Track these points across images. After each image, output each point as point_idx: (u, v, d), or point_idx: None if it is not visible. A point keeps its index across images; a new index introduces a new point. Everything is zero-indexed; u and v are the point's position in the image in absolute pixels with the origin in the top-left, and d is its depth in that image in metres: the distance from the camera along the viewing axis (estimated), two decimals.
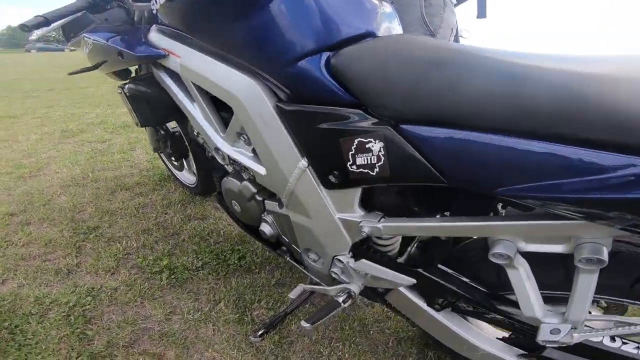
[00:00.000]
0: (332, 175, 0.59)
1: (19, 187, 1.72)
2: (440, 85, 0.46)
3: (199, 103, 0.83)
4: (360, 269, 0.68)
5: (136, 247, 1.29)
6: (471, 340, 0.66)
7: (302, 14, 0.58)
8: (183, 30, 0.77)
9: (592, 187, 0.35)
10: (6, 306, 1.01)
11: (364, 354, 0.93)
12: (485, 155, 0.42)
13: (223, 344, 0.93)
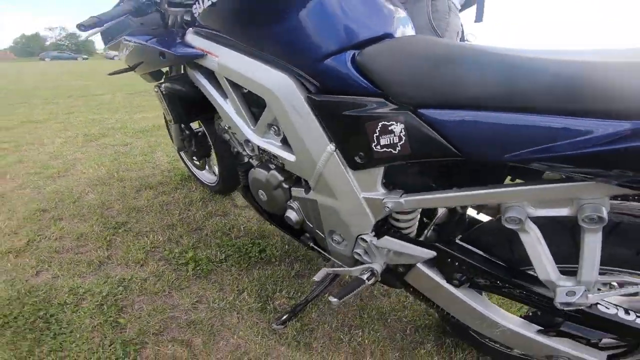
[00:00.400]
0: (357, 156, 0.66)
1: (49, 186, 1.81)
2: (451, 75, 0.54)
3: (231, 99, 0.90)
4: (383, 245, 0.74)
5: (162, 241, 1.36)
6: (491, 316, 0.70)
7: (332, 17, 0.66)
8: (222, 32, 0.84)
9: (581, 146, 0.42)
10: (41, 296, 1.08)
11: (383, 341, 0.98)
12: (492, 129, 0.49)
13: (247, 331, 0.99)
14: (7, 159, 2.20)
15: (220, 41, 0.86)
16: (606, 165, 0.42)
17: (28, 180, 1.88)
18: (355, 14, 0.67)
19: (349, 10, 0.67)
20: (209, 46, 0.89)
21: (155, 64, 1.13)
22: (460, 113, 0.52)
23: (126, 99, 5.08)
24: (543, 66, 0.47)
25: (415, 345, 0.97)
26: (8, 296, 1.05)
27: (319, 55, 0.66)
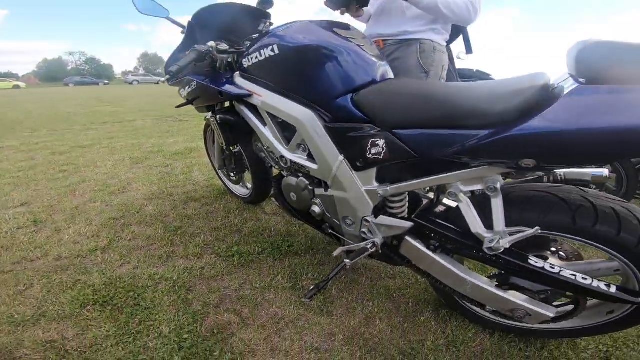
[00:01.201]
0: (358, 162, 1.04)
1: (114, 200, 2.22)
2: (410, 107, 0.92)
3: (270, 126, 1.30)
4: (380, 222, 1.09)
5: (212, 240, 1.74)
6: (461, 274, 1.00)
7: (338, 71, 1.05)
8: (264, 79, 1.23)
9: (470, 145, 0.79)
10: (128, 282, 1.44)
11: (389, 311, 1.30)
12: (431, 139, 0.86)
13: (282, 304, 1.33)
14: (71, 179, 2.64)
15: (262, 84, 1.25)
16: (486, 157, 0.79)
17: (95, 195, 2.29)
18: (353, 68, 1.06)
19: (349, 66, 1.06)
20: (255, 88, 1.28)
21: (213, 100, 1.53)
22: (416, 131, 0.90)
23: (155, 124, 5.60)
24: (452, 95, 0.85)
25: (416, 314, 1.28)
26: (103, 282, 1.43)
27: (331, 97, 1.05)
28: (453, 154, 0.83)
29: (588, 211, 0.83)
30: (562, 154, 0.72)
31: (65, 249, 1.64)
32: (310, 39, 1.10)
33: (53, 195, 2.31)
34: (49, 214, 2.02)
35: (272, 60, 1.16)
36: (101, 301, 1.30)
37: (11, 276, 1.44)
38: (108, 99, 12.39)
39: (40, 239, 1.75)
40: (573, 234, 0.85)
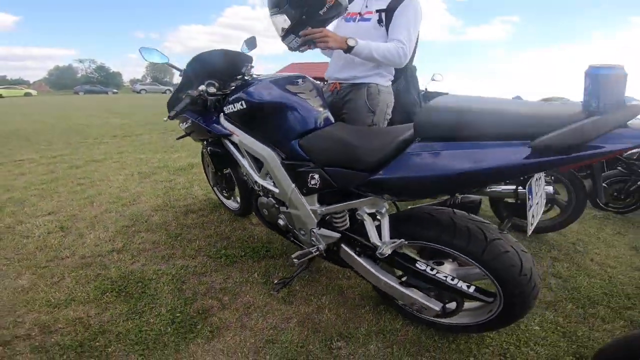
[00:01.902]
0: (304, 189, 1.46)
1: (126, 211, 2.68)
2: (328, 149, 1.35)
3: (246, 159, 1.74)
4: (321, 233, 1.51)
5: (205, 244, 2.18)
6: (377, 274, 1.40)
7: (289, 122, 1.48)
8: (239, 123, 1.69)
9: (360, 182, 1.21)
10: (137, 275, 1.87)
11: (338, 303, 1.71)
12: (346, 176, 1.27)
13: (255, 294, 1.75)
14: (89, 192, 3.10)
15: (239, 127, 1.70)
16: (369, 191, 1.21)
17: (110, 207, 2.75)
18: (299, 119, 1.49)
19: (296, 118, 1.49)
20: (234, 129, 1.72)
21: (205, 136, 2.00)
22: (336, 169, 1.31)
23: (161, 139, 6.11)
24: (353, 144, 1.28)
25: (359, 307, 1.69)
26: (118, 275, 1.86)
27: (285, 141, 1.49)
28: (356, 187, 1.26)
29: (450, 228, 1.24)
30: (402, 192, 1.17)
31: (88, 250, 2.10)
32: (268, 97, 1.53)
33: (74, 206, 2.78)
34: (73, 222, 2.48)
35: (242, 112, 1.61)
36: (117, 289, 1.74)
37: (47, 270, 1.89)
38: (118, 109, 13.03)
39: (67, 242, 2.20)
40: (442, 244, 1.25)
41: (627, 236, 3.31)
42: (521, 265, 1.15)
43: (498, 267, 1.16)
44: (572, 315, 1.81)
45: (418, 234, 1.28)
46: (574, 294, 2.04)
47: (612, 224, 3.64)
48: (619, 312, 1.89)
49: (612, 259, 2.66)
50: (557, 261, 2.48)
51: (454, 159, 0.99)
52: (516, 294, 1.19)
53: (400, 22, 1.80)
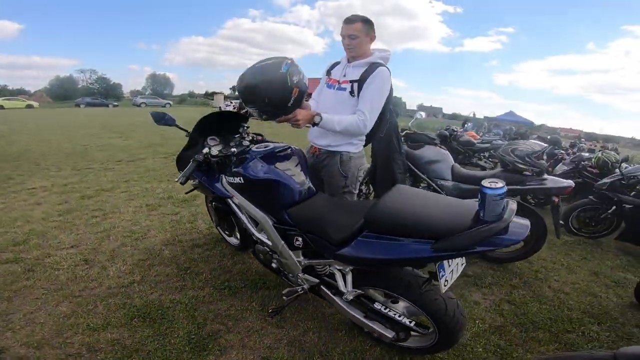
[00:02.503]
0: (291, 246, 1.95)
1: (139, 245, 3.12)
2: (311, 221, 1.83)
3: (245, 216, 2.22)
4: (305, 277, 1.98)
5: (210, 277, 2.64)
6: (347, 310, 1.85)
7: (279, 197, 1.96)
8: (239, 190, 2.15)
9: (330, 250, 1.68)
10: (157, 304, 2.31)
11: (320, 328, 2.18)
12: (320, 243, 1.74)
13: (253, 320, 2.21)
14: (103, 225, 3.54)
15: (238, 191, 2.15)
16: (337, 259, 1.69)
17: (125, 241, 3.20)
18: (288, 194, 1.94)
19: (284, 193, 1.94)
20: (234, 193, 2.18)
21: (209, 194, 2.50)
22: (314, 235, 1.78)
23: (164, 164, 6.58)
24: (326, 219, 1.77)
25: (337, 331, 2.16)
26: (142, 304, 2.30)
27: (276, 210, 1.97)
28: (326, 250, 1.73)
29: (396, 280, 1.71)
30: (357, 264, 1.69)
31: (112, 282, 2.54)
32: (262, 175, 1.95)
33: (93, 239, 3.22)
34: (95, 255, 2.92)
35: (241, 185, 2.07)
36: (142, 315, 2.19)
37: (81, 299, 2.33)
38: (118, 127, 13.41)
39: (93, 274, 2.64)
40: (391, 291, 1.76)
41: (592, 261, 3.82)
42: (446, 308, 1.64)
43: (429, 310, 1.65)
44: (514, 339, 2.28)
45: (375, 283, 1.80)
46: (522, 319, 2.51)
47: (580, 249, 4.16)
48: (557, 336, 2.36)
49: (569, 285, 3.14)
50: (515, 289, 2.96)
51: (386, 249, 1.49)
52: (444, 328, 1.68)
53: (365, 94, 2.16)
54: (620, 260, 3.92)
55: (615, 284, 3.26)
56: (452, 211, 1.46)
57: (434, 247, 1.36)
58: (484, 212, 1.31)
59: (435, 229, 1.39)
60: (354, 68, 2.25)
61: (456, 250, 1.33)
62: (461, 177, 3.53)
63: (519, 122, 34.14)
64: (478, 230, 1.30)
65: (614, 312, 2.74)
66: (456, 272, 1.62)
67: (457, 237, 1.32)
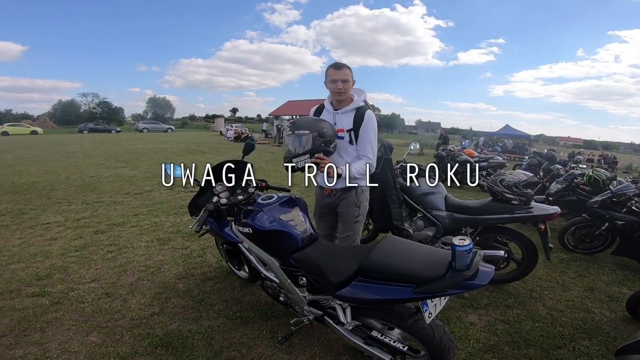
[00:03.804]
0: (297, 284, 2.29)
1: (155, 279, 3.43)
2: (312, 264, 2.18)
3: (253, 256, 2.57)
4: (310, 310, 2.31)
5: (223, 308, 2.95)
6: (350, 339, 2.18)
7: (283, 244, 2.31)
8: (247, 236, 2.49)
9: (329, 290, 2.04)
10: (177, 334, 2.62)
11: (326, 353, 2.48)
12: (322, 282, 2.09)
13: (265, 347, 2.51)
14: (120, 260, 3.86)
15: (247, 237, 2.49)
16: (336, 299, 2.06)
17: (141, 275, 3.51)
18: (291, 242, 2.28)
19: (288, 242, 2.29)
20: (243, 238, 2.54)
21: (220, 238, 2.85)
22: (315, 276, 2.12)
23: (170, 197, 6.95)
24: (324, 263, 2.11)
25: (342, 354, 2.47)
26: (163, 333, 2.61)
27: (282, 255, 2.32)
28: (326, 290, 2.07)
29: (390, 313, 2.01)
30: (354, 304, 2.03)
31: (135, 313, 2.86)
32: (268, 227, 2.28)
33: (112, 274, 3.54)
34: (115, 289, 3.24)
35: (250, 234, 2.42)
36: (165, 345, 2.50)
37: (109, 330, 2.65)
38: (122, 155, 13.89)
39: (116, 306, 2.96)
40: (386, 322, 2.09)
41: (588, 277, 4.12)
42: (433, 335, 1.94)
43: (419, 336, 1.95)
44: (506, 357, 2.57)
45: (371, 315, 2.14)
46: (514, 337, 2.80)
47: (576, 266, 4.46)
48: (548, 352, 2.64)
49: (563, 303, 3.42)
50: (509, 308, 3.25)
51: (377, 291, 1.83)
52: (434, 351, 1.99)
53: (364, 139, 2.56)
54: (616, 274, 4.22)
55: (610, 298, 3.54)
56: (430, 260, 1.81)
57: (414, 291, 1.71)
58: (455, 262, 1.67)
59: (416, 276, 1.73)
60: (344, 115, 2.60)
61: (432, 293, 1.69)
62: (454, 207, 3.90)
63: (517, 136, 34.79)
64: (450, 278, 1.65)
65: (606, 326, 3.01)
66: (439, 305, 1.93)
67: (433, 283, 1.67)
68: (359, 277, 1.92)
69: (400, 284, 1.77)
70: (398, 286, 1.77)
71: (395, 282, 1.78)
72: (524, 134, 36.62)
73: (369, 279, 1.88)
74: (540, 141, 52.28)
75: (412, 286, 1.72)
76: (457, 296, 3.36)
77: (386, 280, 1.81)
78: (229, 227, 2.68)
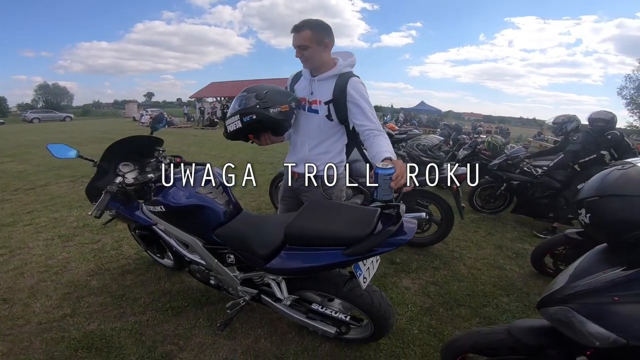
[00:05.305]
0: (224, 263, 2.13)
1: (61, 279, 3.01)
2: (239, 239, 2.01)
3: (173, 239, 2.35)
4: (244, 289, 2.18)
5: (149, 300, 2.69)
6: (287, 312, 2.12)
7: (203, 221, 2.09)
8: (162, 219, 2.27)
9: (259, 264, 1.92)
10: (98, 334, 2.32)
11: (270, 333, 2.38)
12: (249, 257, 1.95)
13: (204, 335, 2.34)
14: (14, 263, 3.30)
15: (160, 217, 2.26)
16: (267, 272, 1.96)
17: (43, 276, 3.03)
18: (212, 217, 2.07)
19: (209, 216, 2.07)
20: (158, 220, 2.31)
21: (131, 223, 2.60)
22: (243, 252, 1.97)
23: (72, 189, 6.09)
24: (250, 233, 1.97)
25: (286, 334, 2.38)
26: (81, 335, 2.30)
27: (203, 233, 2.11)
28: (256, 265, 1.94)
29: (325, 282, 1.98)
30: (285, 274, 1.94)
31: (41, 317, 2.49)
32: (184, 201, 2.08)
33: (5, 278, 3.03)
34: (12, 294, 2.79)
35: (163, 212, 2.17)
36: (86, 347, 2.21)
37: (12, 337, 2.27)
38: (9, 149, 11.74)
39: (17, 312, 2.55)
40: (323, 292, 2.06)
41: (495, 236, 4.63)
42: (372, 301, 1.93)
43: (358, 304, 1.95)
44: (442, 318, 2.70)
45: (307, 286, 2.07)
46: (446, 299, 2.97)
47: (485, 225, 5.00)
48: (476, 310, 2.82)
49: (480, 261, 3.75)
50: (437, 270, 3.48)
51: (306, 258, 1.75)
52: (375, 318, 2.00)
53: (364, 112, 2.01)
54: (517, 232, 4.81)
55: (516, 255, 3.99)
56: (356, 219, 1.74)
57: (344, 253, 1.64)
58: (377, 191, 1.60)
59: (344, 238, 1.67)
60: (321, 83, 2.08)
61: (362, 254, 1.64)
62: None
63: (430, 111, 39.13)
64: (377, 235, 1.62)
65: (518, 282, 3.34)
66: (373, 269, 1.93)
67: (361, 243, 1.61)
68: (286, 246, 1.83)
69: (329, 248, 1.70)
70: (327, 250, 1.70)
71: (324, 246, 1.72)
72: (436, 110, 41.76)
73: (296, 247, 1.80)
74: (450, 116, 58.55)
75: (341, 249, 1.66)
76: (390, 262, 3.53)
77: (315, 246, 1.74)
78: (140, 209, 2.42)
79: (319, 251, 1.72)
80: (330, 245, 1.69)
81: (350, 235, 1.65)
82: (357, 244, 1.62)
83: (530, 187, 4.97)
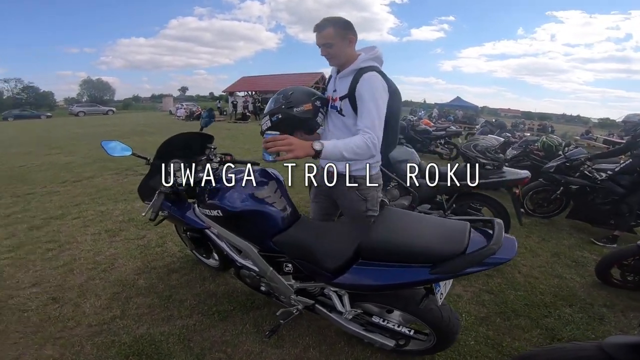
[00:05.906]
0: (281, 271, 2.05)
1: (109, 277, 3.06)
2: (298, 247, 1.92)
3: (225, 243, 2.28)
4: (298, 299, 2.10)
5: (196, 303, 2.68)
6: (344, 323, 2.01)
7: (261, 226, 2.02)
8: (217, 223, 2.20)
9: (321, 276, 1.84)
10: (147, 338, 2.32)
11: (319, 342, 2.30)
12: (311, 268, 1.86)
13: (251, 343, 2.29)
14: (63, 259, 3.41)
15: (215, 221, 2.20)
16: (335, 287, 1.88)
17: (92, 274, 3.10)
18: (270, 223, 1.99)
19: (266, 223, 1.99)
20: (211, 223, 2.24)
21: (182, 225, 2.54)
22: (302, 261, 1.87)
23: (117, 181, 6.36)
24: (315, 247, 1.84)
25: (335, 343, 2.29)
26: (131, 340, 2.30)
27: (260, 240, 2.03)
28: (320, 277, 1.84)
29: (398, 297, 1.86)
30: (355, 290, 1.80)
31: (91, 319, 2.52)
32: (241, 207, 1.99)
33: (55, 275, 3.12)
34: (62, 292, 2.85)
35: (219, 217, 2.11)
36: (136, 353, 2.20)
37: (64, 341, 2.30)
38: (57, 141, 12.42)
39: (67, 312, 2.60)
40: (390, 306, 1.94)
41: (551, 242, 4.33)
42: (441, 316, 1.82)
43: (426, 319, 1.84)
44: (499, 328, 2.54)
45: (373, 300, 1.96)
46: (502, 308, 2.80)
47: (538, 231, 4.71)
48: (537, 321, 2.64)
49: (537, 269, 3.52)
50: (490, 278, 3.27)
51: (384, 275, 1.61)
52: (441, 331, 1.88)
53: (362, 108, 1.87)
54: (574, 238, 4.47)
55: (576, 263, 3.71)
56: (446, 234, 1.60)
57: (432, 271, 1.50)
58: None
59: (432, 255, 1.53)
60: (342, 80, 2.02)
61: (453, 273, 1.50)
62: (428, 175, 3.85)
63: (466, 107, 37.76)
64: (474, 254, 1.46)
65: (580, 292, 3.11)
66: (449, 284, 1.81)
67: (453, 262, 1.48)
68: (359, 260, 1.68)
69: (413, 264, 1.56)
70: (411, 267, 1.56)
71: (407, 262, 1.57)
72: (473, 105, 40.18)
73: (373, 262, 1.64)
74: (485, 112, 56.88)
75: (428, 266, 1.52)
76: None
77: (395, 262, 1.60)
78: (192, 211, 2.37)
79: (400, 267, 1.58)
80: (416, 262, 1.56)
81: (441, 253, 1.51)
82: (447, 262, 1.48)
83: (590, 191, 4.63)
